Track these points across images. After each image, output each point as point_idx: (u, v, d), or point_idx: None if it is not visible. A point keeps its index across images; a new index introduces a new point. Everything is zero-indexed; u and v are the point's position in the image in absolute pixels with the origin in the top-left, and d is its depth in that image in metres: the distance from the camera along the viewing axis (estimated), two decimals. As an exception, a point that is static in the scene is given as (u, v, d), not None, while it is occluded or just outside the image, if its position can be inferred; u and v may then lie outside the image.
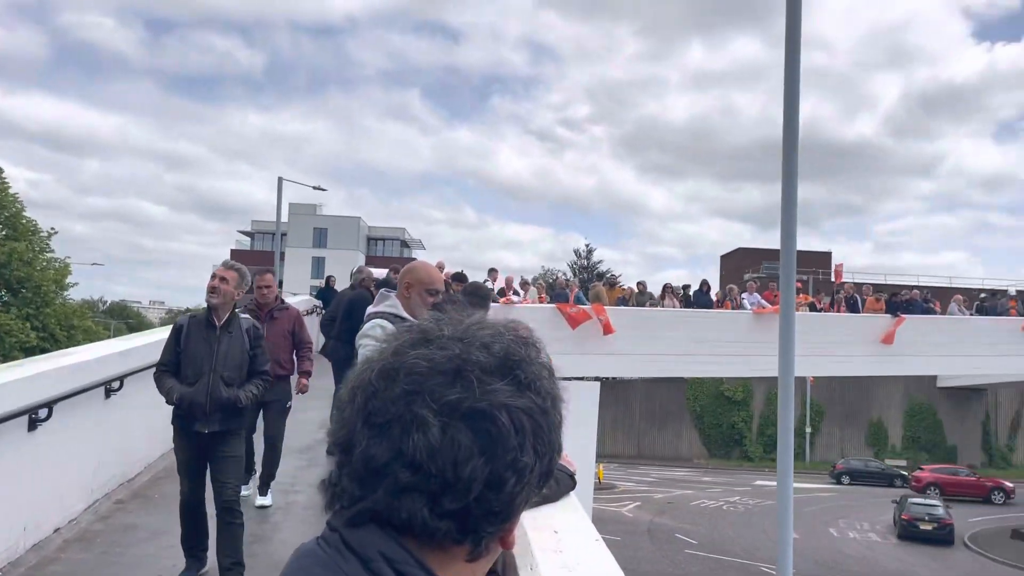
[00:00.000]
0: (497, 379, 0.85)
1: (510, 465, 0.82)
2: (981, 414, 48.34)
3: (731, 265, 69.37)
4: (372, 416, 0.84)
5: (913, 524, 27.38)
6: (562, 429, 0.94)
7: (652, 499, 33.62)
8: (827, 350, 19.12)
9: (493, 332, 0.90)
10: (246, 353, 4.96)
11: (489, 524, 0.84)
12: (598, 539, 2.17)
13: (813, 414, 47.03)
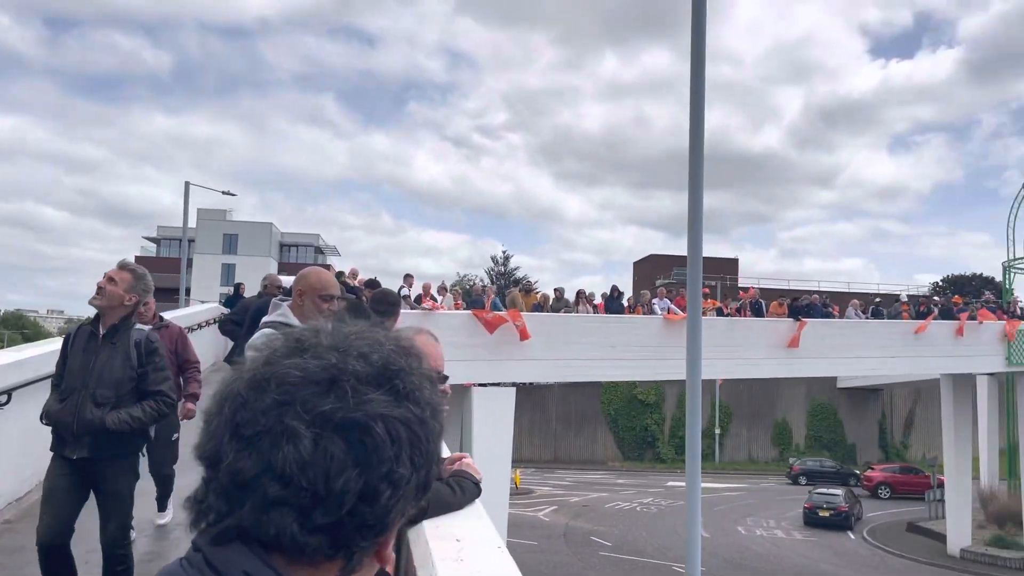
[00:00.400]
0: (373, 389, 0.83)
1: (385, 477, 0.80)
2: (878, 413, 50.78)
3: (643, 271, 70.88)
4: (240, 428, 0.81)
5: (813, 512, 30.55)
6: (442, 439, 0.93)
7: (568, 503, 33.94)
8: (734, 353, 19.77)
9: (372, 342, 0.89)
10: (131, 369, 4.22)
11: (363, 538, 0.82)
12: (500, 546, 2.17)
13: (722, 416, 48.43)
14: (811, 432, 49.47)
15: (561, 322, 18.31)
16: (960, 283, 66.95)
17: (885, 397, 50.66)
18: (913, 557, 25.70)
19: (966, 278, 69.83)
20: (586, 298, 19.63)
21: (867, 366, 24.16)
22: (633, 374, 22.09)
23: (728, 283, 60.91)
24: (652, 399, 48.57)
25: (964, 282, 67.36)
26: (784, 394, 49.46)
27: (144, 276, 4.40)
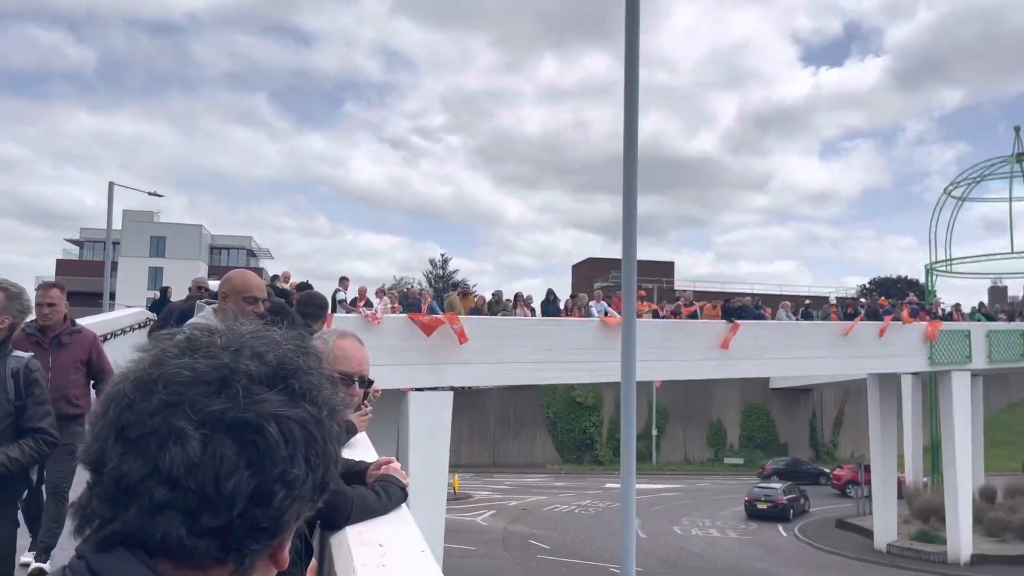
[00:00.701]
0: (267, 389, 0.82)
1: (279, 478, 0.79)
2: (808, 412, 52.20)
3: (582, 274, 71.49)
4: (126, 430, 0.79)
5: (752, 504, 32.76)
6: (341, 440, 0.90)
7: (507, 507, 33.91)
8: (670, 355, 20.02)
9: (268, 341, 0.87)
10: (7, 403, 3.68)
11: (254, 541, 0.80)
12: (424, 550, 2.08)
13: (659, 417, 49.10)
14: (744, 432, 50.54)
15: (499, 325, 18.25)
16: (886, 285, 69.35)
17: (815, 397, 52.11)
18: (842, 553, 26.42)
19: (892, 280, 72.38)
20: (524, 301, 19.62)
21: (798, 366, 24.77)
22: (570, 377, 22.19)
23: (664, 286, 61.89)
24: (590, 401, 48.98)
25: (890, 284, 69.80)
26: (719, 395, 50.43)
27: (19, 295, 3.87)
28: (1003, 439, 51.94)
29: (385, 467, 2.61)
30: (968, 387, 25.73)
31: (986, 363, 26.80)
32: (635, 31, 7.76)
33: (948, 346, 25.09)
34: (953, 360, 25.18)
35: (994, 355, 26.79)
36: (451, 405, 16.79)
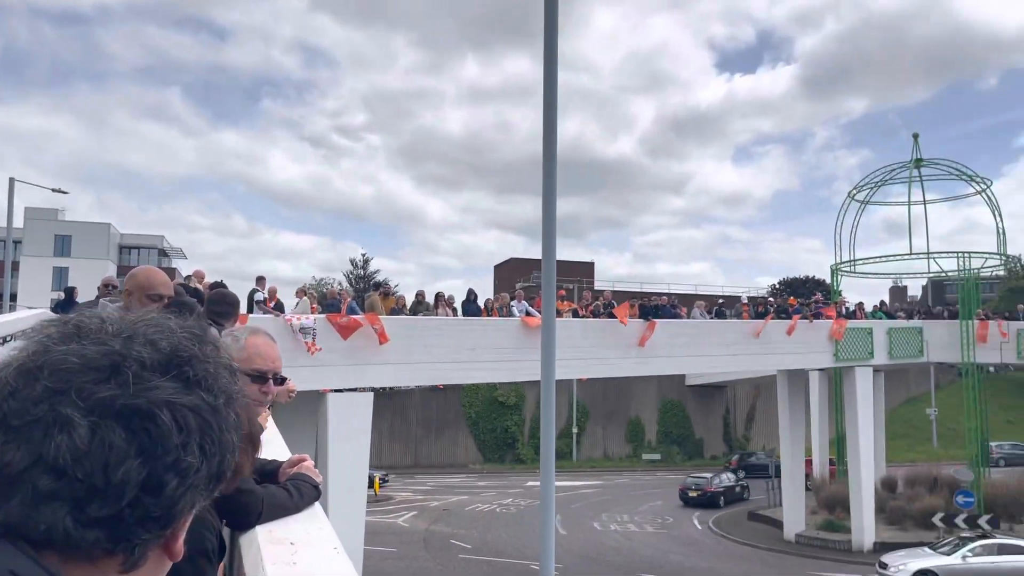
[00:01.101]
0: (160, 376, 0.80)
1: (172, 466, 0.77)
2: (722, 408, 53.74)
3: (504, 275, 71.79)
4: (8, 418, 0.76)
5: (685, 492, 35.28)
6: (239, 429, 0.89)
7: (428, 507, 33.79)
8: (590, 353, 20.33)
9: (163, 328, 0.86)
10: None
11: (145, 530, 0.78)
12: (337, 548, 2.09)
13: (579, 415, 49.72)
14: (662, 428, 51.67)
15: (420, 326, 18.18)
16: (795, 285, 71.97)
17: (729, 393, 53.68)
18: (753, 543, 27.33)
19: (800, 280, 75.15)
20: (445, 301, 19.60)
21: (712, 364, 25.49)
22: (492, 376, 22.28)
23: (584, 286, 62.69)
24: (512, 401, 49.23)
25: (799, 284, 72.47)
26: (637, 393, 51.41)
27: None
28: (902, 432, 54.65)
29: (298, 465, 2.60)
30: (870, 382, 26.98)
31: (887, 359, 28.17)
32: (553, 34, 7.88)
33: (852, 343, 26.26)
34: (856, 356, 26.37)
35: (894, 351, 28.18)
36: (371, 406, 16.64)
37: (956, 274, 30.84)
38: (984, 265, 31.30)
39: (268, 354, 2.60)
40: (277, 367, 2.64)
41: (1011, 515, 27.71)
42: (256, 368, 2.51)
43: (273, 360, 2.62)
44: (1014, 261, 65.57)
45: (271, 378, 2.59)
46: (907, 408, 58.97)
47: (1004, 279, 75.78)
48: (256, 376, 2.51)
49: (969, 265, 29.94)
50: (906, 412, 58.15)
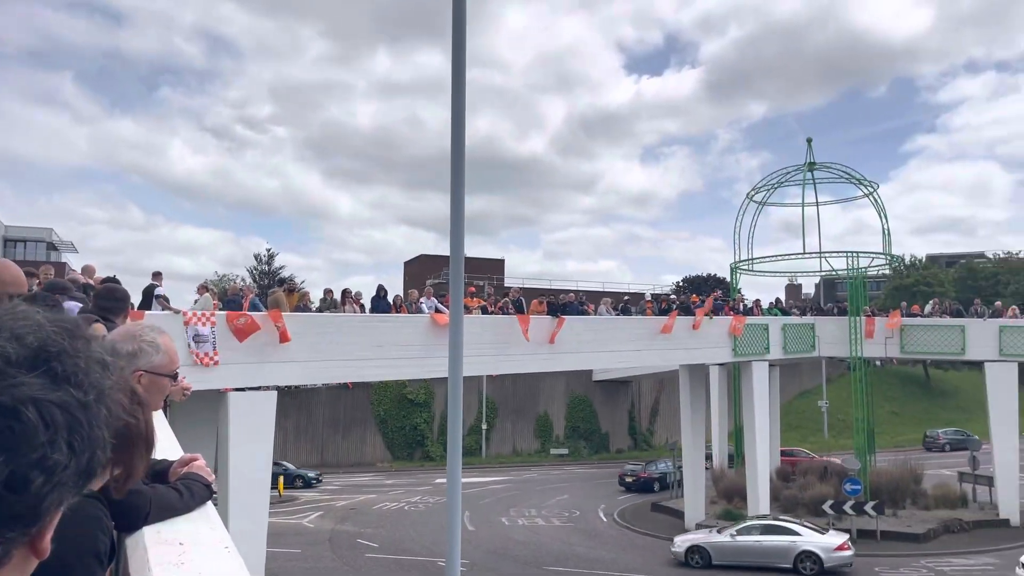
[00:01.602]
0: (26, 371, 0.79)
1: (37, 464, 0.76)
2: (628, 403, 54.95)
3: (414, 271, 71.34)
4: None
5: (622, 479, 38.34)
6: (112, 425, 0.88)
7: (335, 507, 33.29)
8: (499, 350, 20.45)
9: (31, 323, 0.84)
10: None
11: (9, 529, 0.77)
12: (229, 547, 2.05)
13: (488, 411, 49.93)
14: (570, 423, 52.44)
15: (326, 322, 17.89)
16: (697, 283, 74.20)
17: (634, 388, 54.95)
18: (655, 534, 28.08)
19: (702, 278, 77.50)
20: (352, 298, 19.34)
21: (618, 359, 26.05)
22: (401, 374, 22.13)
23: (495, 283, 62.94)
24: (422, 398, 49.01)
25: (701, 282, 74.74)
26: (546, 388, 52.00)
27: None
28: (796, 423, 57.20)
29: (190, 464, 2.55)
30: (766, 376, 28.14)
31: (782, 354, 29.43)
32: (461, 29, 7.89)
33: (749, 339, 27.31)
34: (754, 352, 27.44)
35: (788, 347, 29.46)
36: (275, 405, 16.27)
37: (845, 273, 32.45)
38: (871, 264, 33.07)
39: (174, 353, 2.60)
40: (177, 365, 2.65)
41: (894, 501, 29.43)
42: (176, 368, 2.54)
43: (176, 358, 2.63)
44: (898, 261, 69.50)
45: (174, 376, 2.60)
46: (800, 401, 61.76)
47: (890, 278, 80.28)
48: (174, 376, 2.55)
49: (857, 264, 31.58)
50: (799, 404, 60.91)
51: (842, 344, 30.87)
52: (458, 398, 8.68)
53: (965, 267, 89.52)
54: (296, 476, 40.69)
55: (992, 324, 28.99)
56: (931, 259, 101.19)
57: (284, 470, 41.43)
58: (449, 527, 7.86)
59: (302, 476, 40.69)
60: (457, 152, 8.48)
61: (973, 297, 48.58)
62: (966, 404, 66.96)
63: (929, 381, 72.73)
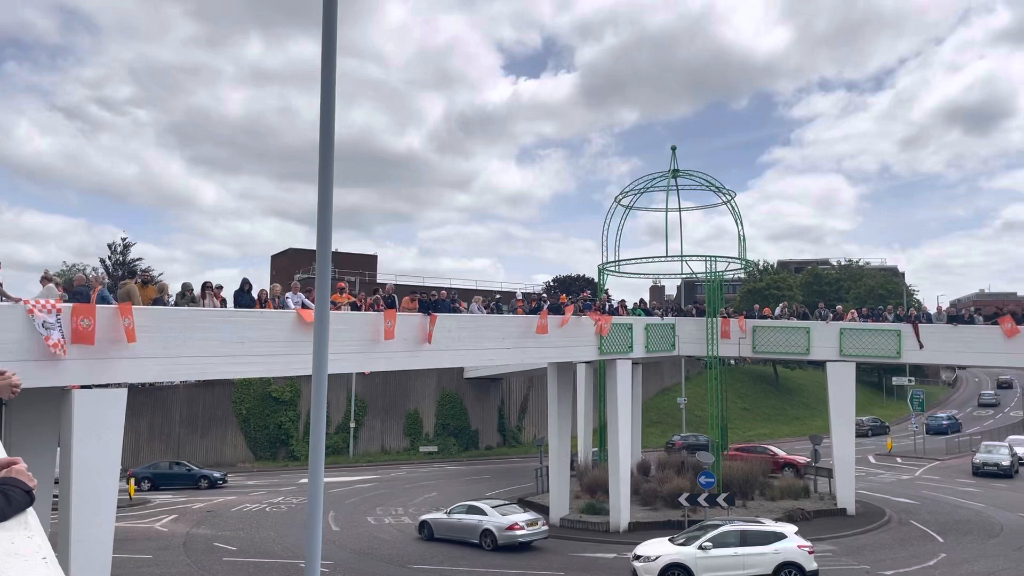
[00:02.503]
0: None
1: None
2: (498, 400, 55.50)
3: (282, 265, 69.22)
4: None
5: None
6: None
7: (191, 510, 31.82)
8: (369, 347, 20.12)
9: None
10: None
11: None
12: (47, 558, 1.91)
13: (357, 409, 49.15)
14: (440, 421, 52.42)
15: (184, 317, 17.03)
16: (567, 283, 75.88)
17: (504, 385, 55.56)
18: (522, 529, 28.44)
19: (573, 278, 79.32)
20: (213, 291, 18.50)
21: (488, 357, 26.23)
22: (265, 371, 21.40)
23: (367, 279, 62.06)
24: (287, 396, 47.67)
25: (571, 282, 76.47)
26: (416, 386, 51.74)
27: None
28: (656, 419, 59.57)
29: (8, 469, 2.35)
30: (629, 373, 29.11)
31: (644, 353, 30.54)
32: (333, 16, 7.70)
33: (614, 338, 28.17)
34: (618, 350, 28.33)
35: (651, 346, 30.61)
36: (124, 403, 15.35)
37: (704, 276, 34.03)
38: (727, 268, 34.83)
39: None
40: None
41: (745, 492, 31.15)
42: None
43: None
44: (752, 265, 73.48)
45: None
46: (661, 397, 64.36)
47: (744, 281, 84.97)
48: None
49: (715, 268, 33.18)
50: (660, 401, 63.46)
51: (700, 344, 32.38)
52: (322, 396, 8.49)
53: (812, 273, 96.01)
54: (201, 476, 39.03)
55: (834, 326, 31.18)
56: (782, 264, 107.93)
57: (187, 470, 39.68)
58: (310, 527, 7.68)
59: (207, 476, 39.07)
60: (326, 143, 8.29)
61: (818, 301, 52.18)
62: (810, 401, 71.85)
63: (778, 379, 77.49)
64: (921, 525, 28.56)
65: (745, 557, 20.42)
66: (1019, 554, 23.91)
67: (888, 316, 31.91)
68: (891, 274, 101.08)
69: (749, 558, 20.41)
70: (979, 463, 41.45)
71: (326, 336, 8.40)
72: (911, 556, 23.69)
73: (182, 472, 39.55)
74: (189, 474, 39.42)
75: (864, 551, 24.44)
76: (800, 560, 20.22)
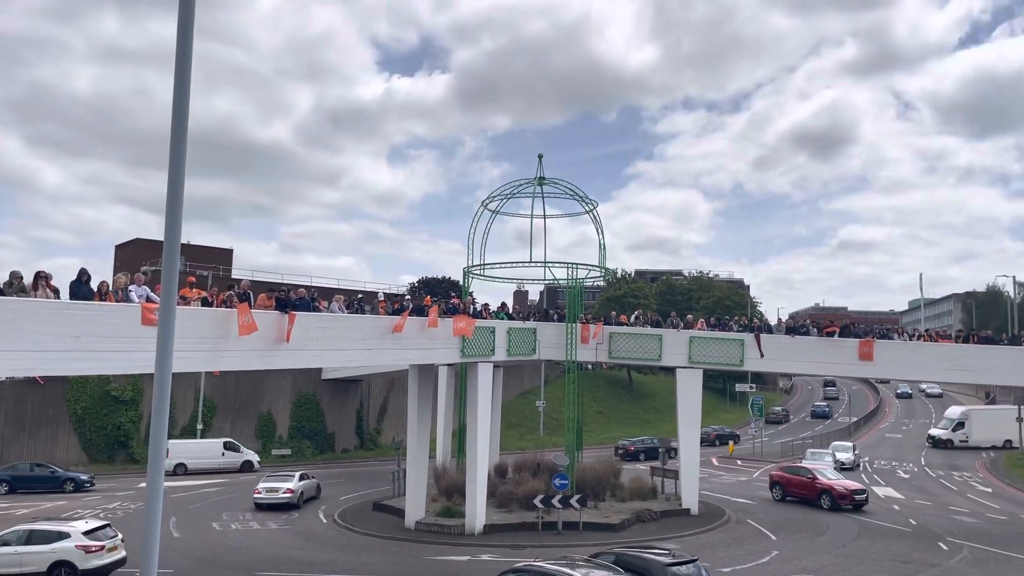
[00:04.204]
0: None
1: None
2: (357, 402, 54.49)
3: (127, 256, 65.17)
4: None
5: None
6: None
7: (13, 516, 29.29)
8: (220, 345, 19.18)
9: None
10: None
11: None
12: None
13: (206, 410, 46.90)
14: (295, 423, 50.89)
15: (12, 308, 15.63)
16: (432, 285, 75.69)
17: (364, 387, 54.62)
18: (374, 533, 28.04)
19: (438, 280, 79.23)
20: (45, 281, 17.08)
21: (348, 357, 25.67)
22: (103, 368, 19.99)
23: (221, 274, 59.45)
24: (128, 395, 44.89)
25: (436, 284, 76.34)
26: (271, 386, 50.00)
27: None
28: (516, 422, 60.40)
29: None
30: (490, 376, 29.31)
31: (506, 356, 30.86)
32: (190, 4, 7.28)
33: (477, 341, 28.28)
34: (480, 353, 28.47)
35: (512, 349, 30.96)
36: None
37: (566, 282, 34.81)
38: (588, 276, 35.77)
39: None
40: None
41: (597, 494, 32.05)
42: None
43: None
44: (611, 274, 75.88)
45: None
46: (521, 400, 65.34)
47: (604, 288, 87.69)
48: None
49: (576, 275, 34.01)
50: (520, 404, 64.40)
51: (560, 348, 33.07)
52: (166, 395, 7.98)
53: (666, 283, 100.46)
54: (65, 479, 36.13)
55: (684, 334, 32.68)
56: (639, 274, 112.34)
57: (51, 472, 36.73)
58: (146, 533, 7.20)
59: (73, 479, 36.18)
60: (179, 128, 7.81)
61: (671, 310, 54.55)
62: (661, 406, 75.03)
63: (632, 384, 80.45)
64: (757, 524, 30.36)
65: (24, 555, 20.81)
66: (843, 551, 25.86)
67: (733, 326, 33.79)
68: (738, 286, 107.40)
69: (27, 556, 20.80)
70: None
71: (171, 332, 7.91)
72: (747, 554, 25.11)
73: (45, 475, 37.07)
74: (53, 477, 36.90)
75: (705, 550, 25.67)
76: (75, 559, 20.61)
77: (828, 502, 33.99)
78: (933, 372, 34.15)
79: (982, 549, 26.19)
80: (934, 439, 61.31)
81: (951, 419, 62.97)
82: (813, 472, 36.17)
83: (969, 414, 62.74)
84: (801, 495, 35.44)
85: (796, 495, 35.75)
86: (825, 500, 34.18)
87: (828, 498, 34.11)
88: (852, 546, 26.58)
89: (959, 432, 60.76)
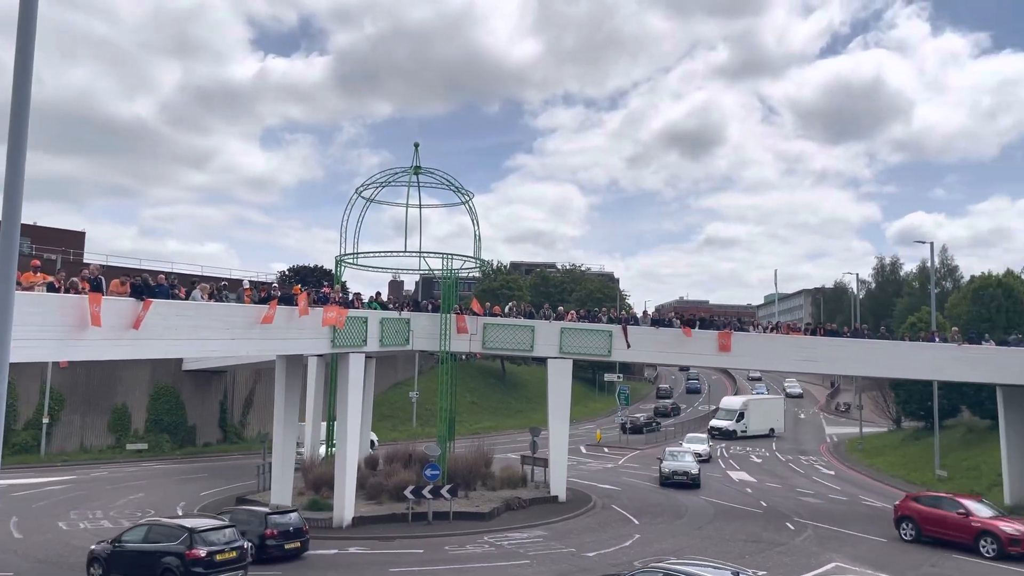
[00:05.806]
0: None
1: None
2: (220, 394, 52.37)
3: (-37, 236, 59.83)
4: None
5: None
6: None
7: None
8: (68, 333, 17.95)
9: None
10: None
11: None
12: None
13: (53, 403, 43.83)
14: (152, 416, 48.36)
15: None
16: (304, 273, 73.67)
17: (228, 378, 52.57)
18: (240, 529, 27.06)
19: (310, 269, 77.18)
20: None
21: (211, 348, 24.62)
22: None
23: (72, 258, 55.67)
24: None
25: (307, 272, 74.35)
26: (126, 377, 47.30)
27: None
28: (389, 413, 59.87)
29: None
30: (362, 367, 28.87)
31: (379, 347, 30.48)
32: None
33: (348, 331, 27.77)
34: (352, 343, 27.97)
35: (385, 340, 30.61)
36: None
37: (440, 272, 34.74)
38: (463, 267, 35.83)
39: None
40: None
41: (468, 483, 32.24)
42: None
43: None
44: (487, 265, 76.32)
45: None
46: (394, 391, 64.76)
47: (479, 280, 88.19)
48: None
49: (451, 265, 33.99)
50: (393, 395, 63.85)
51: (433, 339, 32.98)
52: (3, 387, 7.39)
53: (540, 275, 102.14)
54: None
55: (556, 325, 33.34)
56: (514, 266, 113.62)
57: None
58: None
59: None
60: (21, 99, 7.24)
61: (544, 301, 55.47)
62: (532, 395, 76.29)
63: (505, 374, 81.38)
64: (621, 509, 31.46)
65: None
66: (700, 532, 27.20)
67: (602, 318, 34.77)
68: (608, 279, 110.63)
69: None
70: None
71: (9, 320, 7.33)
72: (611, 538, 25.98)
73: None
74: None
75: (571, 535, 26.38)
76: None
77: (993, 549, 23.97)
78: (784, 362, 36.36)
79: (824, 528, 28.22)
80: (720, 431, 62.23)
81: (731, 410, 65.17)
82: (966, 507, 25.64)
83: (747, 404, 65.44)
84: (948, 537, 25.41)
85: (938, 535, 25.78)
86: (987, 546, 24.12)
87: (993, 543, 24.07)
88: (708, 528, 28.01)
89: (741, 423, 63.25)
